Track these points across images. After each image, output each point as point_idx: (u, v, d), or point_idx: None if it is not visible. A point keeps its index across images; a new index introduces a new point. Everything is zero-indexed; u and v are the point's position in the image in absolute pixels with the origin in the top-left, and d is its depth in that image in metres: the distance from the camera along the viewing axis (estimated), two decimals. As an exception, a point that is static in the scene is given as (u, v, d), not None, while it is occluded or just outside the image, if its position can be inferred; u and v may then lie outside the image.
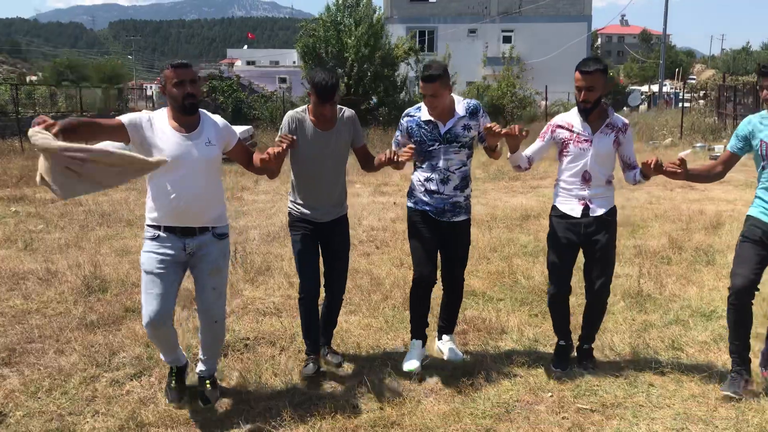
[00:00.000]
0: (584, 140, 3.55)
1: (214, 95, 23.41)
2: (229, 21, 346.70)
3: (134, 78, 62.64)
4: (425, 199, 3.70)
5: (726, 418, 3.19)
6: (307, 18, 25.77)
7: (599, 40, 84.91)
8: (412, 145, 3.57)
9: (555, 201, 3.72)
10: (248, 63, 52.52)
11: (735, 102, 22.46)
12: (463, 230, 3.78)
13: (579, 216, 3.60)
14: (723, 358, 3.87)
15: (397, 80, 23.53)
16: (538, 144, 3.71)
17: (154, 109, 4.13)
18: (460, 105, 3.65)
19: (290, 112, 3.59)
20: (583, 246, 3.66)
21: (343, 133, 3.60)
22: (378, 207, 8.96)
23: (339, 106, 3.59)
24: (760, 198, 3.48)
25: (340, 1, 23.03)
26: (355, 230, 6.88)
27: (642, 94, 39.83)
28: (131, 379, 3.64)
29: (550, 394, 3.47)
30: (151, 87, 45.35)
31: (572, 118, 3.62)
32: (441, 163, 3.63)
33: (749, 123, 3.50)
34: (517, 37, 36.32)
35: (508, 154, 3.67)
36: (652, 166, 3.39)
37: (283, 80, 37.48)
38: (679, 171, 3.42)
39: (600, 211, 3.60)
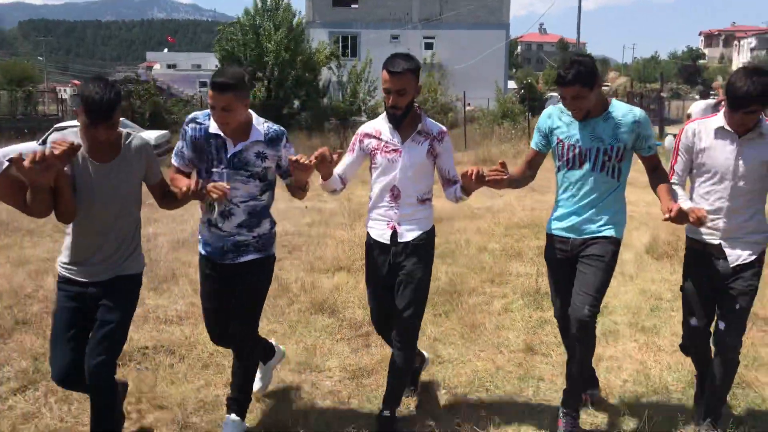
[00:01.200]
0: (393, 150, 3.02)
1: (130, 100, 22.71)
2: (149, 23, 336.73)
3: (45, 81, 59.85)
4: (206, 235, 3.01)
5: (604, 409, 3.38)
6: (228, 22, 25.40)
7: (519, 47, 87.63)
8: (227, 188, 2.74)
9: (366, 224, 3.19)
10: (169, 66, 51.21)
11: (642, 107, 23.75)
12: (251, 274, 2.99)
13: (388, 242, 3.06)
14: (610, 351, 4.08)
15: (320, 85, 23.56)
16: (348, 158, 3.15)
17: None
18: (260, 127, 2.92)
19: (58, 131, 2.71)
20: (391, 277, 3.07)
21: (131, 167, 2.73)
22: (297, 212, 8.94)
23: (128, 131, 2.80)
24: (560, 207, 3.14)
25: (259, 5, 22.85)
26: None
27: (558, 100, 41.33)
28: (15, 394, 3.49)
29: (444, 391, 3.56)
30: (65, 90, 43.47)
31: (381, 125, 3.09)
32: None
33: (549, 117, 3.14)
34: (439, 44, 37.01)
35: (320, 180, 3.05)
36: (472, 177, 2.89)
37: (204, 84, 36.74)
38: (504, 177, 2.95)
39: (409, 237, 3.04)
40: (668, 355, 4.05)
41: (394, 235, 3.03)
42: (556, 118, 3.09)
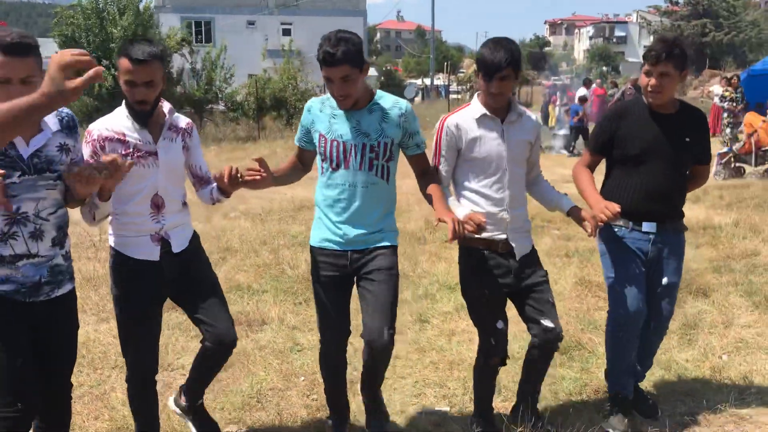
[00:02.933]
0: (146, 153, 2.54)
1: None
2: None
3: None
4: (5, 274, 2.23)
5: (457, 379, 3.53)
6: (67, 4, 23.51)
7: (378, 35, 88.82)
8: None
9: (113, 243, 2.62)
10: (0, 53, 46.64)
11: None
12: (66, 312, 2.43)
13: (158, 258, 2.59)
14: (462, 325, 4.27)
15: (173, 73, 22.48)
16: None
17: None
18: (52, 116, 2.31)
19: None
20: (168, 292, 2.70)
21: None
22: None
23: None
24: (325, 216, 2.78)
25: (102, -13, 21.37)
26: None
27: (418, 88, 42.44)
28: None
29: (302, 378, 3.56)
30: None
31: (121, 124, 2.54)
32: (28, 207, 2.22)
33: (309, 111, 2.77)
34: (296, 30, 36.61)
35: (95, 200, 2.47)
36: (225, 178, 2.53)
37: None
38: (263, 176, 2.58)
39: (184, 245, 2.67)
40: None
41: (166, 244, 2.60)
42: (317, 110, 2.74)
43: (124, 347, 2.69)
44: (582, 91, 16.13)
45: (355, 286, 2.83)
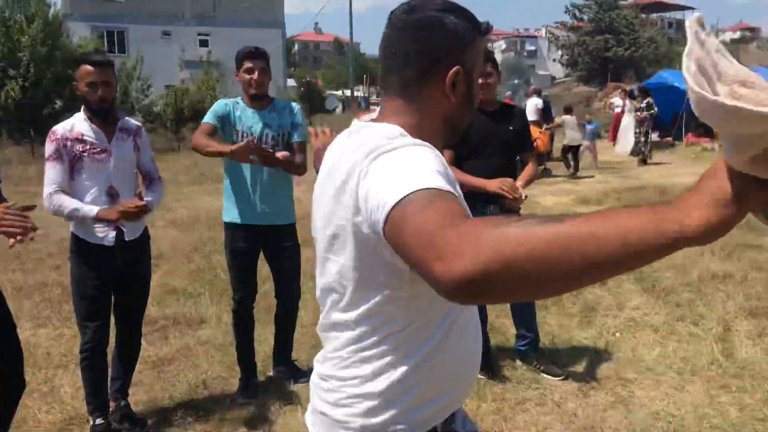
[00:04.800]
0: (101, 150, 2.93)
1: None
2: None
3: None
4: None
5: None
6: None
7: (296, 46, 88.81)
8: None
9: (73, 229, 2.98)
10: None
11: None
12: None
13: (113, 243, 2.95)
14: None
15: (86, 83, 21.88)
16: (59, 169, 2.87)
17: None
18: None
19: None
20: (115, 281, 3.03)
21: None
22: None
23: None
24: (237, 196, 3.44)
25: (7, -5, 20.61)
26: (43, 243, 6.46)
27: (340, 99, 42.89)
28: None
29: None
30: None
31: (79, 125, 2.93)
32: None
33: (226, 105, 3.43)
34: (214, 41, 36.30)
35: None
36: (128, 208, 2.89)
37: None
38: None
39: (135, 234, 3.04)
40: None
41: (120, 234, 2.96)
42: (230, 107, 3.39)
43: (79, 321, 3.02)
44: (534, 101, 16.04)
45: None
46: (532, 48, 79.86)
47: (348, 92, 44.43)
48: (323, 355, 1.26)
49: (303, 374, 3.67)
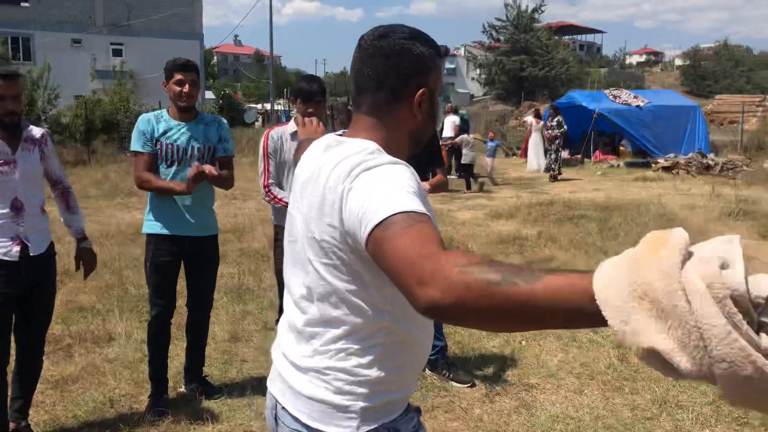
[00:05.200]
0: (5, 162, 2.84)
1: None
2: None
3: None
4: None
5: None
6: None
7: (215, 58, 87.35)
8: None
9: None
10: None
11: (332, 118, 25.91)
12: None
13: (17, 258, 2.86)
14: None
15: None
16: None
17: None
18: None
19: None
20: (18, 297, 2.92)
21: None
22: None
23: None
24: (160, 208, 3.42)
25: None
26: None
27: (258, 112, 42.43)
28: None
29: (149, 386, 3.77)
30: None
31: None
32: None
33: (149, 121, 3.40)
34: (128, 51, 35.23)
35: None
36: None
37: None
38: None
39: (41, 248, 2.97)
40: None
41: (24, 249, 2.87)
42: (155, 122, 3.39)
43: None
44: (451, 118, 15.99)
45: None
46: (452, 66, 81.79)
47: (268, 106, 44.03)
48: (312, 350, 1.35)
49: (215, 391, 3.65)
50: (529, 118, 19.67)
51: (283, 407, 1.40)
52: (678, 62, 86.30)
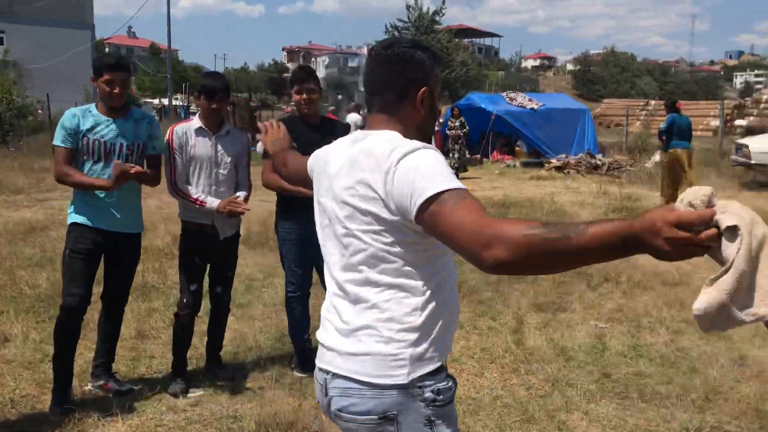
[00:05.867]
0: None
1: None
2: None
3: None
4: None
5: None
6: None
7: (107, 49, 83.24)
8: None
9: None
10: None
11: (234, 115, 25.36)
12: None
13: None
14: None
15: None
16: None
17: None
18: None
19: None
20: None
21: None
22: None
23: None
24: (86, 202, 3.39)
25: None
26: None
27: (156, 108, 40.91)
28: None
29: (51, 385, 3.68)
30: None
31: None
32: None
33: (74, 116, 3.35)
34: (11, 40, 33.01)
35: None
36: None
37: None
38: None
39: None
40: (260, 322, 4.85)
41: None
42: (80, 116, 3.35)
43: None
44: (353, 117, 16.19)
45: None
46: (355, 64, 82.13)
47: (165, 101, 42.53)
48: (360, 309, 1.57)
49: (123, 390, 3.60)
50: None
51: (333, 374, 1.58)
52: (570, 67, 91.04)
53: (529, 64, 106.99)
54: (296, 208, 3.71)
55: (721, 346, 4.49)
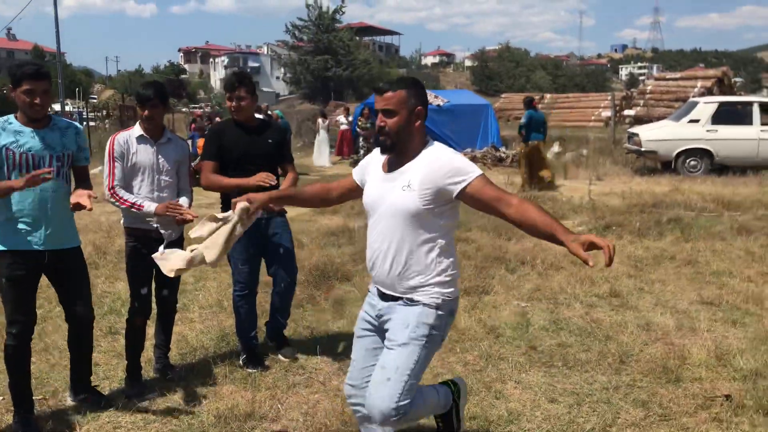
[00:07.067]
0: None
1: None
2: None
3: None
4: None
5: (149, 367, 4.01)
6: None
7: (-14, 53, 77.85)
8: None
9: None
10: None
11: (136, 119, 24.61)
12: None
13: None
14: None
15: None
16: None
17: None
18: None
19: None
20: None
21: None
22: None
23: None
24: (18, 221, 3.21)
25: None
26: None
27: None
28: None
29: (2, 398, 3.63)
30: None
31: None
32: None
33: None
34: None
35: None
36: None
37: None
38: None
39: None
40: (199, 324, 4.92)
41: None
42: (1, 129, 3.19)
43: None
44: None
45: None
46: (255, 65, 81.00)
47: (57, 107, 40.28)
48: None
49: (101, 403, 3.60)
50: (341, 117, 20.52)
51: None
52: (468, 63, 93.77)
53: (429, 61, 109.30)
54: None
55: (629, 315, 5.01)
